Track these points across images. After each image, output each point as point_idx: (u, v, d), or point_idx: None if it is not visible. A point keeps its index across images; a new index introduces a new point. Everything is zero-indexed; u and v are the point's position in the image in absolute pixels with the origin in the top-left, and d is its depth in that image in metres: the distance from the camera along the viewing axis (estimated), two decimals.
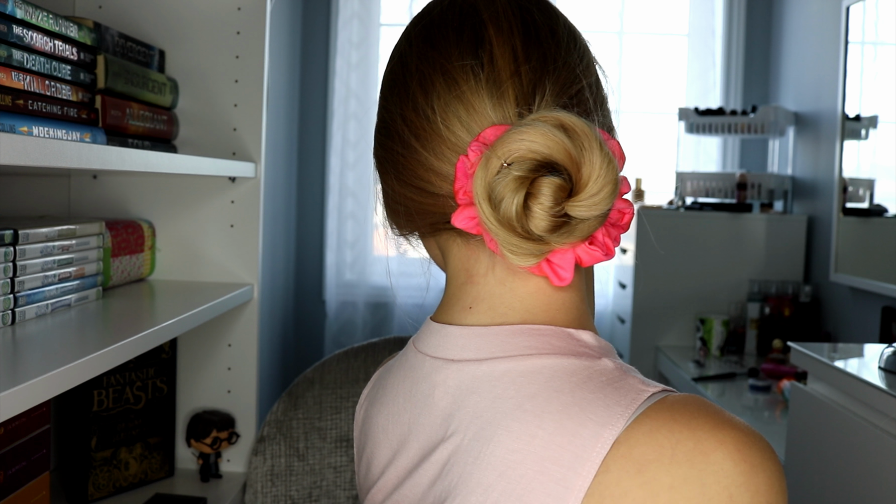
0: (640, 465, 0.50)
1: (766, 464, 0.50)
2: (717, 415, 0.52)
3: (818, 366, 1.41)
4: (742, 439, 0.50)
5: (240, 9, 1.47)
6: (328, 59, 3.61)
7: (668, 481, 0.49)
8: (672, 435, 0.50)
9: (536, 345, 0.57)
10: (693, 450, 0.50)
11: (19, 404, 0.72)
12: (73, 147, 0.84)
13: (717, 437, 0.50)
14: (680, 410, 0.52)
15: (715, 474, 0.49)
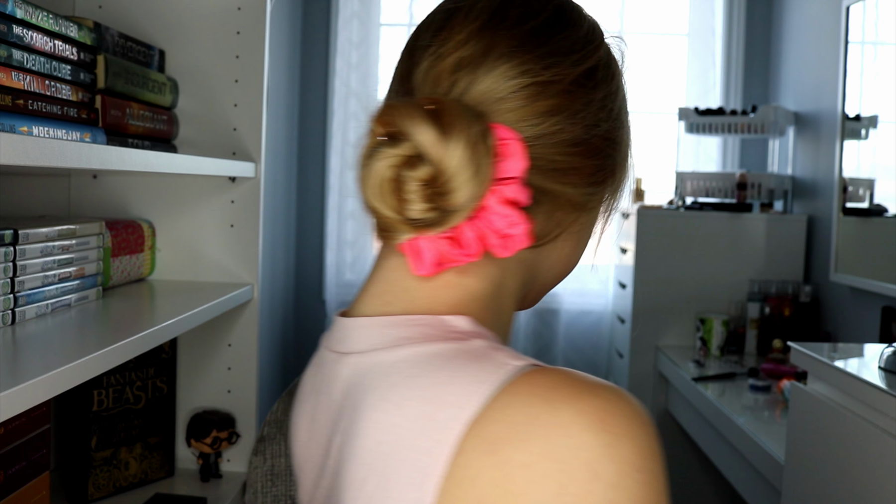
0: (493, 445, 0.47)
1: (633, 430, 0.47)
2: (579, 384, 0.48)
3: (818, 366, 1.41)
4: (604, 407, 0.47)
5: (240, 9, 1.47)
6: (328, 59, 3.61)
7: (521, 459, 0.46)
8: (528, 409, 0.47)
9: (409, 335, 0.55)
10: (549, 423, 0.46)
11: (19, 404, 0.72)
12: (73, 147, 0.84)
13: (576, 408, 0.47)
14: (540, 383, 0.48)
15: (573, 448, 0.46)
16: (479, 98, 0.56)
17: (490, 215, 0.53)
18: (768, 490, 1.87)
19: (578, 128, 0.57)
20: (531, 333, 3.47)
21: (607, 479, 0.45)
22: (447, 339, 0.54)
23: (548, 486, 0.45)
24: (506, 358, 0.51)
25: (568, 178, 0.58)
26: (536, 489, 0.45)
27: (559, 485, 0.45)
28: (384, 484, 0.50)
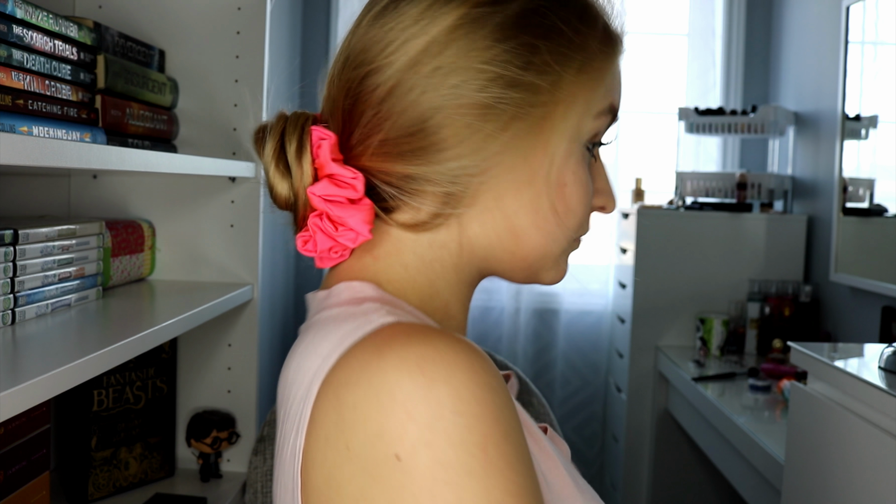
0: (336, 389, 0.52)
1: (452, 375, 0.49)
2: (413, 334, 0.52)
3: (818, 366, 1.41)
4: (425, 353, 0.50)
5: (240, 9, 1.47)
6: (328, 59, 3.61)
7: (352, 401, 0.50)
8: (363, 356, 0.52)
9: (326, 303, 0.62)
10: (375, 369, 0.50)
11: (19, 404, 0.72)
12: (72, 147, 0.84)
13: (400, 354, 0.50)
14: (383, 334, 0.53)
15: (390, 392, 0.49)
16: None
17: (322, 210, 0.60)
18: (768, 490, 1.87)
19: (416, 110, 0.59)
20: (531, 334, 3.46)
21: (422, 421, 0.48)
22: (347, 304, 0.60)
23: (370, 426, 0.49)
24: (378, 317, 0.55)
25: (421, 159, 0.59)
26: (361, 428, 0.49)
27: (379, 424, 0.49)
28: (282, 434, 0.57)
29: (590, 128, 0.63)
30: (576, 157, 0.63)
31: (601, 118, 0.63)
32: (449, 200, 0.61)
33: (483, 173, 0.60)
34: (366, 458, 0.49)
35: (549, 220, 0.62)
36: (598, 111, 0.63)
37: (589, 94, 0.62)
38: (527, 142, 0.60)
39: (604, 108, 0.63)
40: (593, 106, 0.63)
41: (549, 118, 0.60)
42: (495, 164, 0.60)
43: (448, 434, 0.48)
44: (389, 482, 0.48)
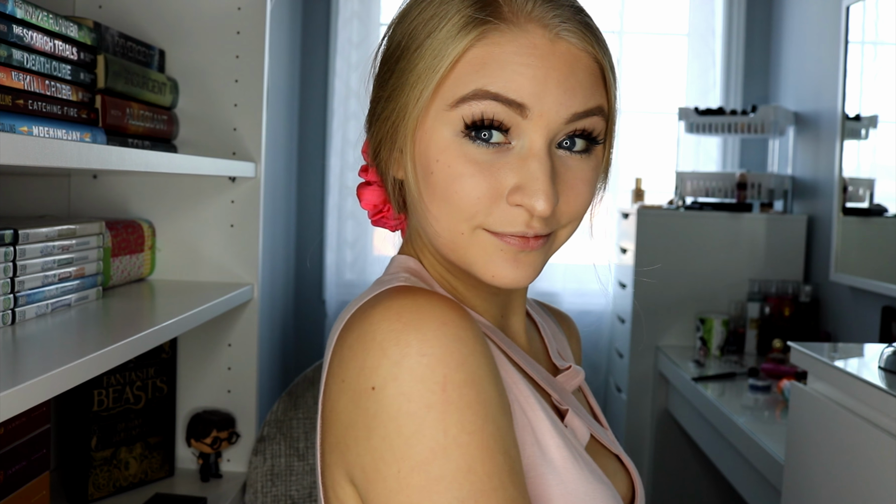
0: (342, 334, 0.63)
1: (423, 323, 0.58)
2: (403, 292, 0.62)
3: (818, 365, 1.41)
4: (405, 304, 0.59)
5: (240, 9, 1.47)
6: (328, 59, 3.61)
7: (348, 342, 0.61)
8: (364, 308, 0.62)
9: (386, 269, 0.74)
10: (366, 316, 0.60)
11: (19, 404, 0.72)
12: (73, 147, 0.84)
13: (384, 304, 0.60)
14: (384, 292, 0.64)
15: (373, 334, 0.59)
16: None
17: None
18: (768, 490, 1.87)
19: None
20: None
21: (392, 357, 0.57)
22: (389, 273, 0.72)
23: (355, 361, 0.59)
24: (397, 282, 0.67)
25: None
26: (351, 364, 0.60)
27: (361, 360, 0.59)
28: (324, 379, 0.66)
29: (453, 117, 0.63)
30: (443, 146, 0.64)
31: (464, 105, 0.63)
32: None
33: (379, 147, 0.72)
34: (353, 389, 0.59)
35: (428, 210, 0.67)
36: (454, 99, 0.63)
37: (427, 83, 0.64)
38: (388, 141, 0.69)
39: (464, 95, 0.63)
40: (444, 93, 0.64)
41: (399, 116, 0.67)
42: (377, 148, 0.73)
43: (412, 370, 0.56)
44: (367, 409, 0.58)
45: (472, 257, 0.66)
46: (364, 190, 0.77)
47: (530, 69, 0.62)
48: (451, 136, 0.64)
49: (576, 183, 0.66)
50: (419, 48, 0.65)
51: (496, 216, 0.64)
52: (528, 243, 0.65)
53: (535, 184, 0.62)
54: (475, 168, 0.63)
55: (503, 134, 0.63)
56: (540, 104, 0.62)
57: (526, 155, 0.63)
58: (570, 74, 0.63)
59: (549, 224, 0.65)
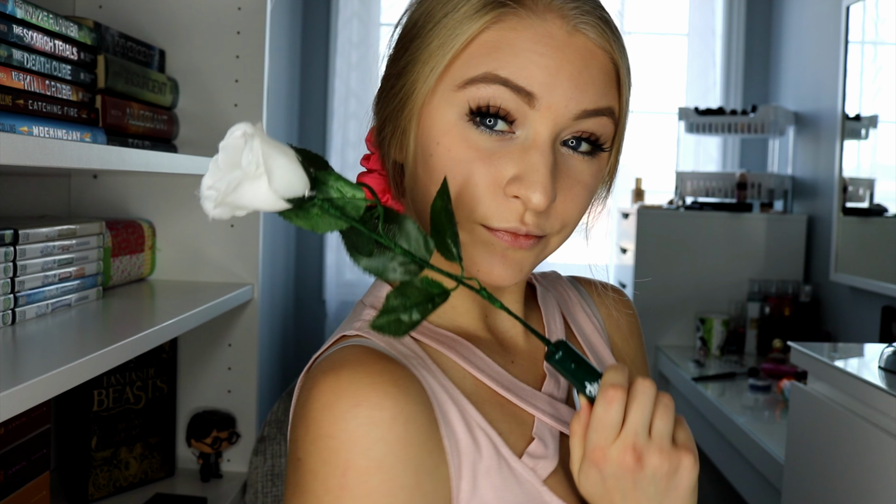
0: (298, 391, 0.66)
1: (333, 405, 0.58)
2: (336, 362, 0.62)
3: (818, 365, 1.41)
4: (328, 383, 0.59)
5: (240, 9, 1.47)
6: (328, 59, 3.61)
7: (297, 404, 0.64)
8: (310, 373, 0.64)
9: (367, 293, 0.74)
10: (307, 386, 0.62)
11: (19, 404, 0.72)
12: (73, 147, 0.84)
13: (317, 379, 0.61)
14: (330, 356, 0.64)
15: (305, 406, 0.60)
16: None
17: None
18: (768, 490, 1.87)
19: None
20: None
21: (310, 435, 0.59)
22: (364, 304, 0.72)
23: (297, 429, 0.61)
24: (349, 331, 0.67)
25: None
26: (296, 426, 0.62)
27: (300, 429, 0.61)
28: None
29: (459, 99, 0.62)
30: (446, 128, 0.62)
31: (472, 87, 0.61)
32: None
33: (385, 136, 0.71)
34: (291, 452, 0.62)
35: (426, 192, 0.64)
36: (463, 80, 0.62)
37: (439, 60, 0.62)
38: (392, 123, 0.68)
39: (473, 77, 0.61)
40: (454, 73, 0.62)
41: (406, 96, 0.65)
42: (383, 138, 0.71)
43: (320, 452, 0.58)
44: (293, 478, 0.61)
45: (467, 252, 0.63)
46: (364, 178, 0.76)
47: (544, 58, 0.61)
48: (454, 118, 0.62)
49: (574, 185, 0.64)
50: (435, 26, 0.63)
51: (492, 208, 0.61)
52: (519, 241, 0.62)
53: (534, 175, 0.60)
54: (476, 155, 0.61)
55: (508, 124, 0.62)
56: (549, 95, 0.61)
57: (529, 146, 0.61)
58: (583, 69, 0.62)
59: (542, 225, 0.63)
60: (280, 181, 0.51)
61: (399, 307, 0.56)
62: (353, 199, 0.55)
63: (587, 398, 0.60)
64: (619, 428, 0.59)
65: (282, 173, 0.51)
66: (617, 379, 0.60)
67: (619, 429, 0.59)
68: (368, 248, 0.57)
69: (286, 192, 0.51)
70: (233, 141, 0.51)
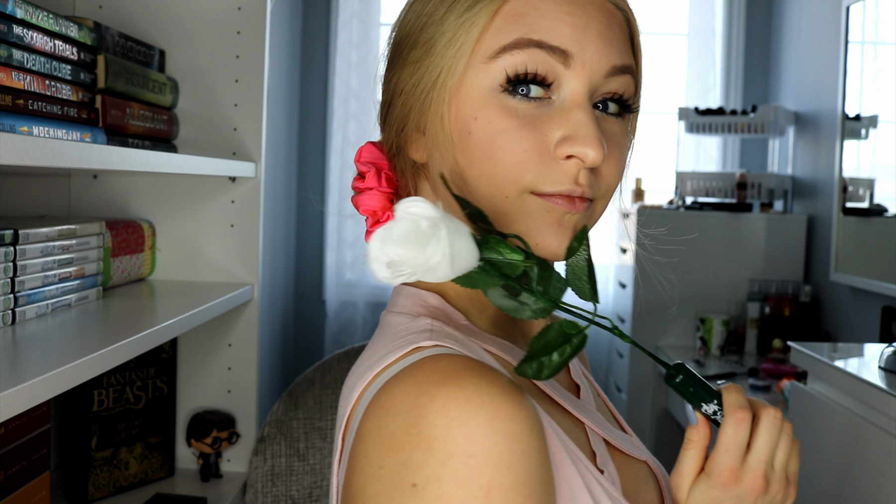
0: (379, 412, 0.56)
1: (469, 419, 0.52)
2: (449, 371, 0.55)
3: (818, 365, 1.41)
4: (453, 395, 0.53)
5: (240, 9, 1.47)
6: (328, 59, 3.61)
7: (391, 428, 0.54)
8: (405, 388, 0.55)
9: (397, 303, 0.69)
10: (412, 403, 0.54)
11: (19, 404, 0.72)
12: (73, 147, 0.84)
13: (432, 393, 0.53)
14: (425, 367, 0.56)
15: (419, 426, 0.53)
16: None
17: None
18: None
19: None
20: None
21: (438, 457, 0.52)
22: (407, 314, 0.66)
23: (400, 454, 0.53)
24: (422, 341, 0.60)
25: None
26: (393, 454, 0.53)
27: (406, 454, 0.53)
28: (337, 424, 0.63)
29: (492, 70, 0.61)
30: (481, 102, 0.61)
31: (506, 55, 0.60)
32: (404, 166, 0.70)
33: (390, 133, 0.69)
34: (391, 481, 0.53)
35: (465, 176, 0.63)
36: (494, 50, 0.61)
37: (465, 38, 0.61)
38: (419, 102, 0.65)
39: (505, 45, 0.60)
40: (482, 47, 0.61)
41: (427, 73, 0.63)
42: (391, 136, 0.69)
43: (456, 472, 0.51)
44: None
45: (517, 226, 0.62)
46: (361, 197, 0.73)
47: (571, 17, 0.61)
48: (488, 91, 0.61)
49: (612, 146, 0.63)
50: (449, 10, 0.62)
51: (543, 173, 0.60)
52: (574, 204, 0.61)
53: (584, 129, 0.59)
54: (518, 122, 0.60)
55: (544, 88, 0.61)
56: (582, 52, 0.60)
57: (569, 106, 0.61)
58: (608, 26, 0.62)
59: (594, 185, 0.62)
60: (459, 265, 0.53)
61: (541, 351, 0.57)
62: (513, 261, 0.57)
63: (703, 415, 0.63)
64: (745, 449, 0.61)
65: (462, 257, 0.53)
66: (741, 401, 0.62)
67: (745, 450, 0.61)
68: (503, 289, 0.59)
69: (462, 271, 0.54)
70: (414, 220, 0.52)
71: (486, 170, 0.61)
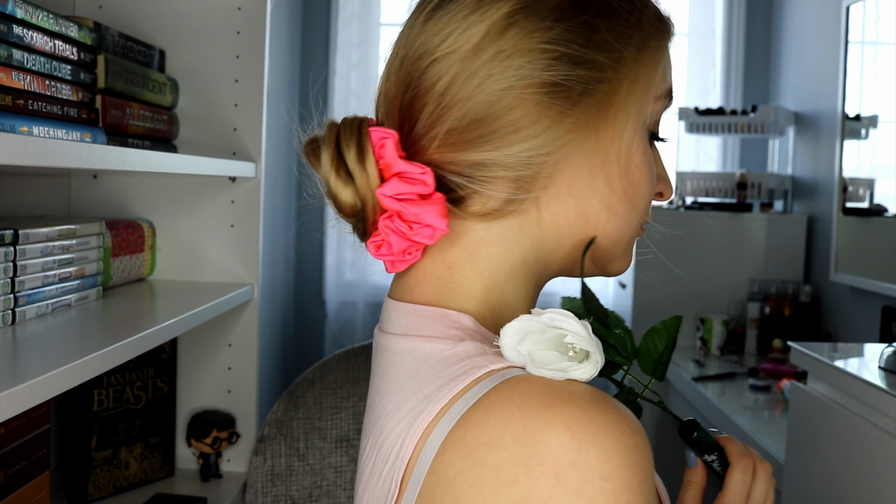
0: (472, 448, 0.50)
1: (600, 439, 0.48)
2: (554, 392, 0.51)
3: (818, 365, 1.41)
4: (574, 415, 0.49)
5: (240, 9, 1.47)
6: (328, 59, 3.61)
7: (495, 463, 0.49)
8: (503, 417, 0.50)
9: (414, 325, 0.60)
10: (521, 431, 0.49)
11: (19, 404, 0.72)
12: (73, 147, 0.84)
13: (546, 416, 0.49)
14: (518, 391, 0.51)
15: (539, 455, 0.48)
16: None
17: (388, 211, 0.58)
18: None
19: (482, 95, 0.57)
20: None
21: (570, 486, 0.47)
22: (443, 339, 0.58)
23: (515, 491, 0.48)
24: (489, 363, 0.55)
25: (490, 145, 0.58)
26: (505, 492, 0.48)
27: (525, 489, 0.48)
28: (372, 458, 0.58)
29: (651, 109, 0.63)
30: (640, 137, 0.63)
31: (660, 101, 0.64)
32: (522, 185, 0.59)
33: (556, 152, 0.59)
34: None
35: (621, 203, 0.62)
36: (658, 93, 0.63)
37: (650, 74, 0.61)
38: (596, 120, 0.59)
39: (663, 91, 0.63)
40: (653, 87, 0.62)
41: (615, 95, 0.59)
42: (567, 143, 0.59)
43: (594, 500, 0.47)
44: None
45: (622, 251, 0.65)
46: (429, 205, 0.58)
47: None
48: (644, 127, 0.63)
49: None
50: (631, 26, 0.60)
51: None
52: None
53: (666, 172, 0.67)
54: (651, 163, 0.65)
55: None
56: None
57: (655, 147, 0.66)
58: None
59: None
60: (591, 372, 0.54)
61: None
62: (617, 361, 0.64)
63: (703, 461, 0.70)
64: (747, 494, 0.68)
65: (595, 365, 0.54)
66: (743, 449, 0.69)
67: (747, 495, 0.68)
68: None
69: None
70: (562, 334, 0.54)
71: (636, 202, 0.63)
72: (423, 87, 0.59)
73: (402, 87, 0.61)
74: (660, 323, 0.69)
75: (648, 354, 0.67)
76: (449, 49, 0.58)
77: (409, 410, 0.55)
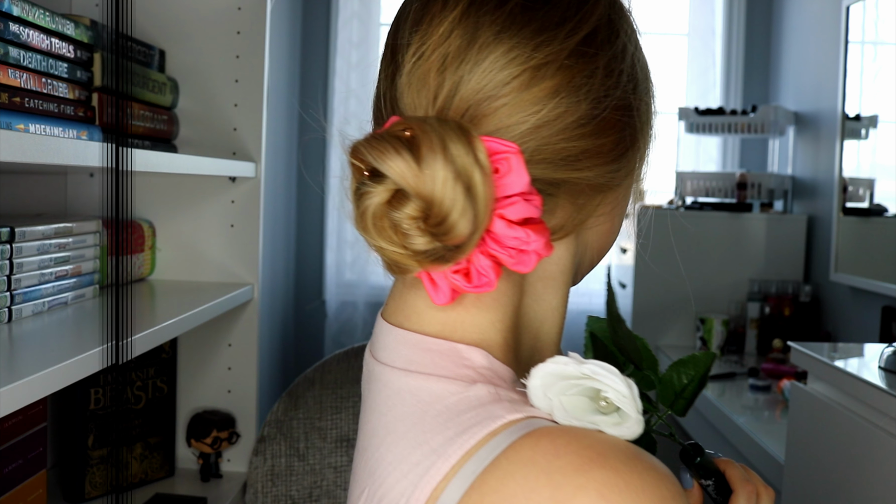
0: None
1: (618, 494, 0.43)
2: (585, 452, 0.45)
3: (818, 365, 1.41)
4: (609, 481, 0.43)
5: (240, 9, 1.47)
6: (328, 59, 3.61)
7: None
8: (527, 482, 0.44)
9: (419, 360, 0.53)
10: (549, 499, 0.43)
11: (15, 401, 0.72)
12: (69, 145, 0.84)
13: (577, 483, 0.43)
14: (542, 450, 0.45)
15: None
16: (471, 98, 0.50)
17: (500, 238, 0.48)
18: None
19: (584, 105, 0.52)
20: None
21: None
22: (454, 378, 0.51)
23: None
24: (506, 412, 0.48)
25: (582, 163, 0.53)
26: None
27: None
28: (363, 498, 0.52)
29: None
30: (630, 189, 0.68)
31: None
32: (584, 207, 0.56)
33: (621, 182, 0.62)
34: None
35: (610, 242, 0.65)
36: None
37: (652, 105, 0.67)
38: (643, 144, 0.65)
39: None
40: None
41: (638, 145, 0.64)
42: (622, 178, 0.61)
43: None
44: None
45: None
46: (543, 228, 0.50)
47: None
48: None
49: None
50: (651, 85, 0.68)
51: None
52: None
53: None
54: None
55: None
56: None
57: None
58: None
59: None
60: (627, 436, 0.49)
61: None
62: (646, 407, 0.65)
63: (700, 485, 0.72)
64: None
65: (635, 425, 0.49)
66: (745, 474, 0.69)
67: None
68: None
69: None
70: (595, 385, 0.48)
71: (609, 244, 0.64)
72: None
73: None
74: (689, 356, 0.69)
75: (671, 387, 0.68)
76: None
77: (413, 465, 0.49)
